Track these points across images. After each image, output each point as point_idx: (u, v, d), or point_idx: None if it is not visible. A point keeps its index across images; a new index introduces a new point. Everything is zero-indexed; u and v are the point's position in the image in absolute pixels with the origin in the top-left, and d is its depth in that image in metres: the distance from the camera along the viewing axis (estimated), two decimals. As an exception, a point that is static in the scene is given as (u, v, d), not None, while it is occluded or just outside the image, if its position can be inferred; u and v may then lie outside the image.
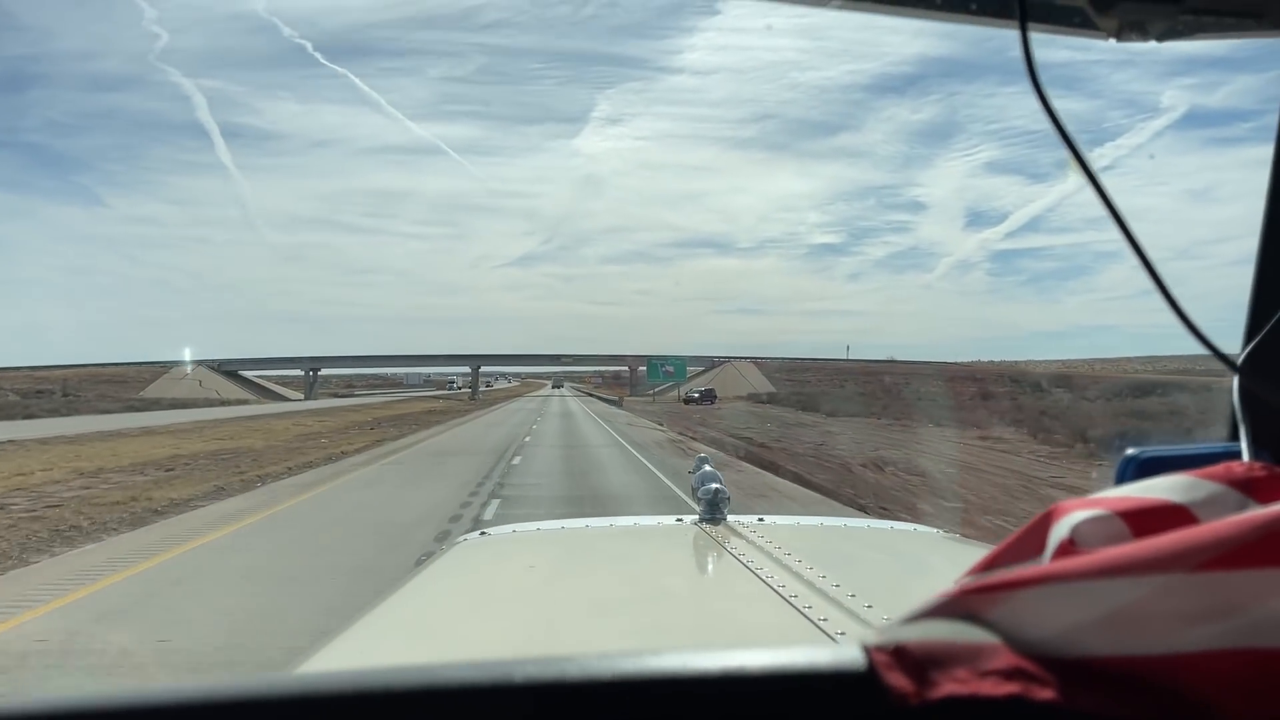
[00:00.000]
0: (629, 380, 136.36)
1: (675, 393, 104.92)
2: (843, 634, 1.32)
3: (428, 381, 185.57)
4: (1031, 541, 0.57)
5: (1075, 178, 0.61)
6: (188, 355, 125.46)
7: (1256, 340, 0.76)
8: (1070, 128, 0.60)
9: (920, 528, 2.70)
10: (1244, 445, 0.62)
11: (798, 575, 1.71)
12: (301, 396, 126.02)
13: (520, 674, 0.60)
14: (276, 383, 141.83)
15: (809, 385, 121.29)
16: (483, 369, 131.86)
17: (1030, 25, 0.63)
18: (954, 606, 0.52)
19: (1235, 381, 0.70)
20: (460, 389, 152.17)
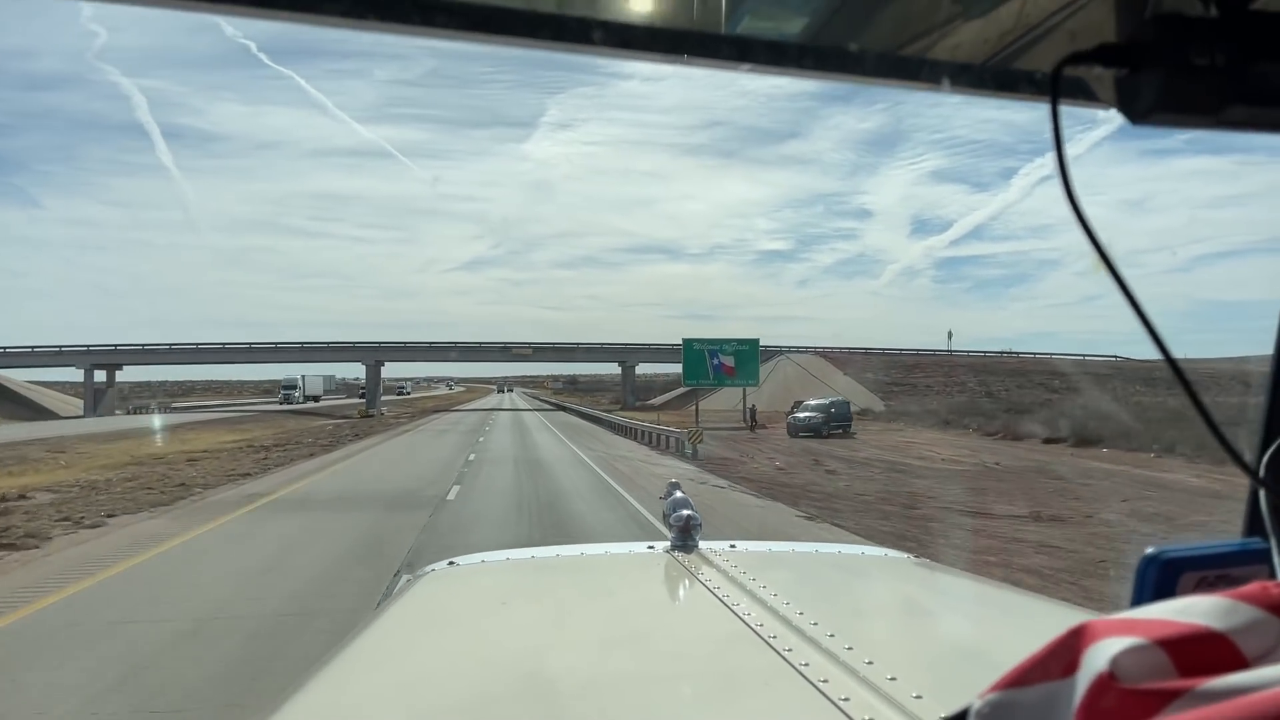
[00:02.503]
0: (625, 385, 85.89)
1: (740, 408, 55.42)
2: (825, 681, 1.30)
3: (331, 390, 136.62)
4: (1060, 661, 0.54)
5: (1097, 269, 0.61)
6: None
7: (1275, 446, 0.76)
8: (1088, 214, 0.60)
9: (891, 553, 2.65)
10: (1276, 558, 0.62)
11: (773, 611, 1.67)
12: (80, 412, 73.67)
13: None
14: (63, 389, 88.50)
15: (924, 386, 72.58)
16: (388, 366, 78.58)
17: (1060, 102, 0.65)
18: None
19: (1259, 489, 0.71)
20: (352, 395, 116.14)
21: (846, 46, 0.72)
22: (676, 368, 64.03)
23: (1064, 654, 0.54)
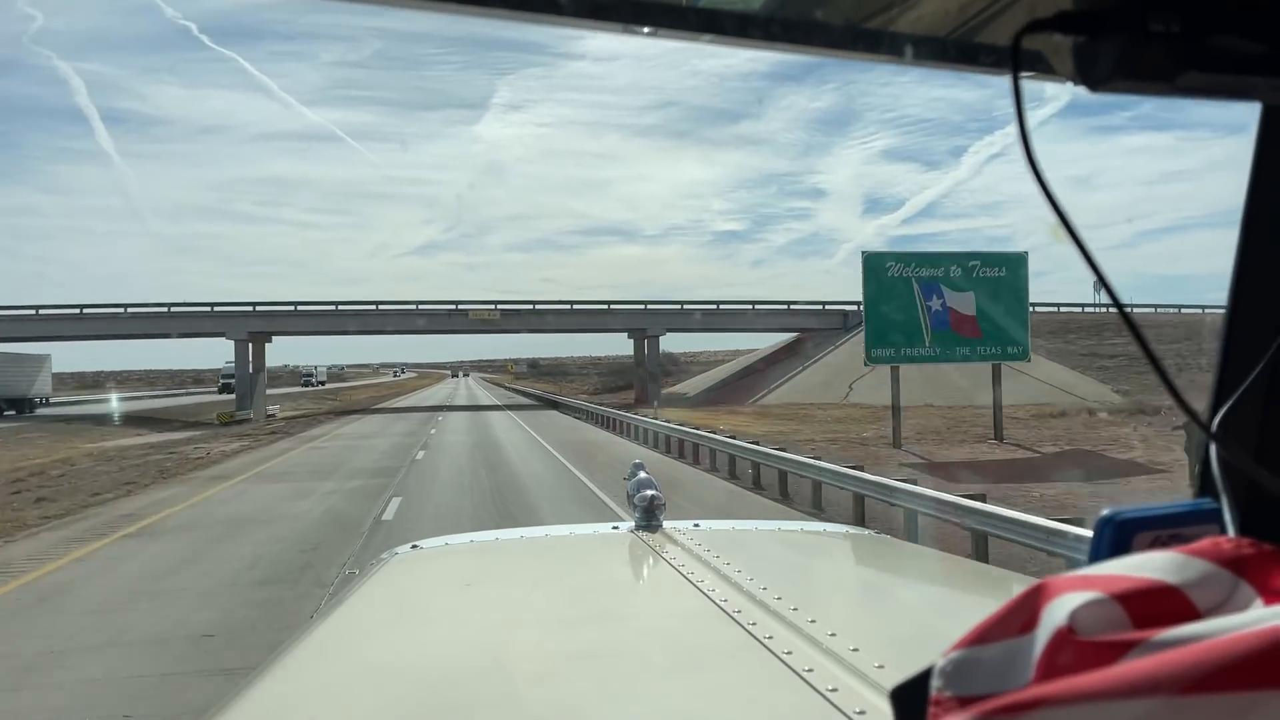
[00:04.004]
0: (644, 366, 54.20)
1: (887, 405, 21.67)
2: (789, 653, 1.32)
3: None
4: (1020, 618, 0.56)
5: (1060, 236, 0.63)
6: None
7: (1230, 403, 0.78)
8: (1050, 181, 0.62)
9: (852, 529, 2.80)
10: (1226, 516, 0.64)
11: (738, 587, 1.70)
12: None
13: None
14: None
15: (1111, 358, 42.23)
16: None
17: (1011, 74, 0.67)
18: None
19: (1210, 445, 0.73)
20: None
21: (812, 17, 0.73)
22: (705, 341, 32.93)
23: (1023, 611, 0.56)
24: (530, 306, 57.39)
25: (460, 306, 56.28)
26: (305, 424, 44.54)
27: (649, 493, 2.36)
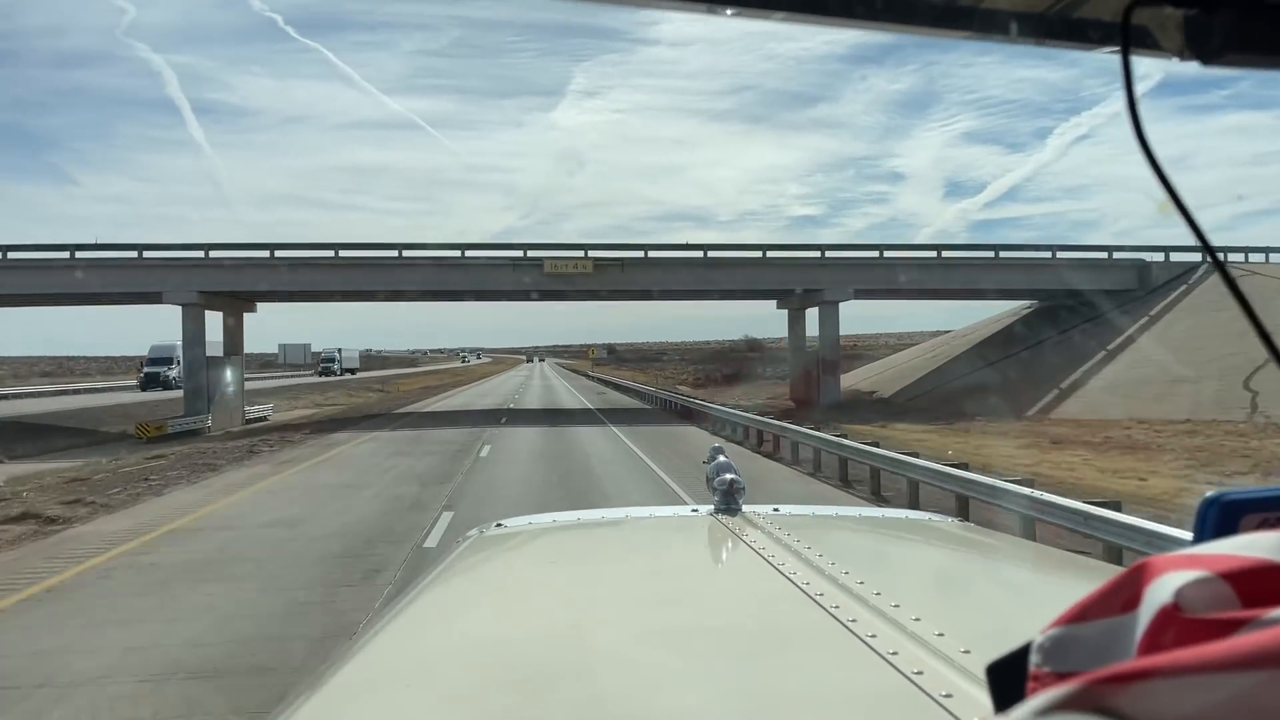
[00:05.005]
0: (819, 346, 30.23)
1: None
2: (873, 636, 1.32)
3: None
4: (1121, 597, 0.56)
5: (1165, 208, 0.63)
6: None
7: None
8: (1161, 158, 0.62)
9: (935, 517, 2.69)
10: None
11: (819, 570, 1.70)
12: None
13: None
14: None
15: None
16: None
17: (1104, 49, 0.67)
18: (1083, 699, 0.51)
19: None
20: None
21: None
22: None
23: (1125, 590, 0.56)
24: (640, 255, 36.20)
25: (531, 254, 35.43)
26: (288, 439, 24.78)
27: (728, 476, 2.35)
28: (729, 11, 0.63)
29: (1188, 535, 0.62)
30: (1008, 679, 0.60)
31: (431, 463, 18.78)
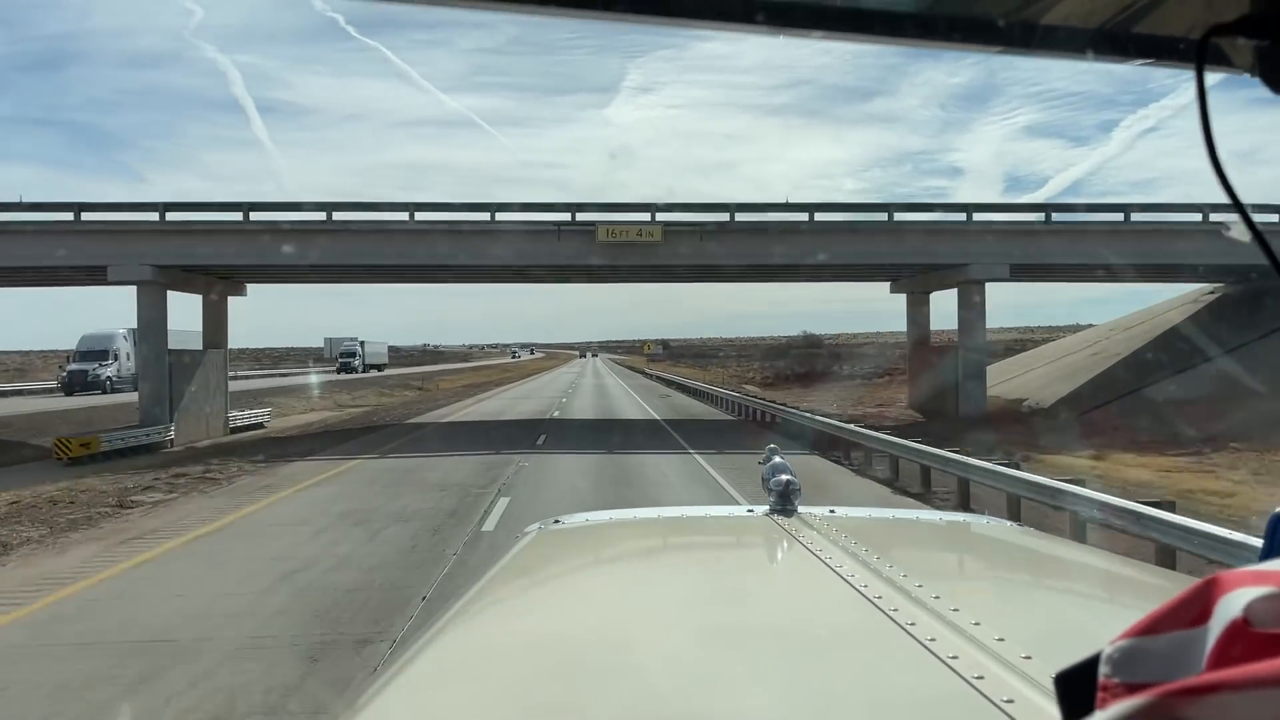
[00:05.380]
0: (942, 357, 21.36)
1: None
2: (932, 640, 1.30)
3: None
4: (1192, 611, 0.57)
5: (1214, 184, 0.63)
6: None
7: None
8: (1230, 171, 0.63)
9: (993, 521, 2.71)
10: None
11: (877, 572, 1.67)
12: None
13: None
14: None
15: None
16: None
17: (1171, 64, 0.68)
18: (1157, 711, 0.51)
19: None
20: None
21: (971, 13, 0.70)
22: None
23: (1196, 603, 0.57)
24: (723, 218, 27.32)
25: (581, 218, 26.85)
26: (212, 475, 17.02)
27: (784, 477, 2.34)
28: (793, 29, 0.62)
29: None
30: (1076, 688, 0.60)
31: (383, 555, 10.26)
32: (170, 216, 26.46)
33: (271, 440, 26.74)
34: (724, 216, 27.36)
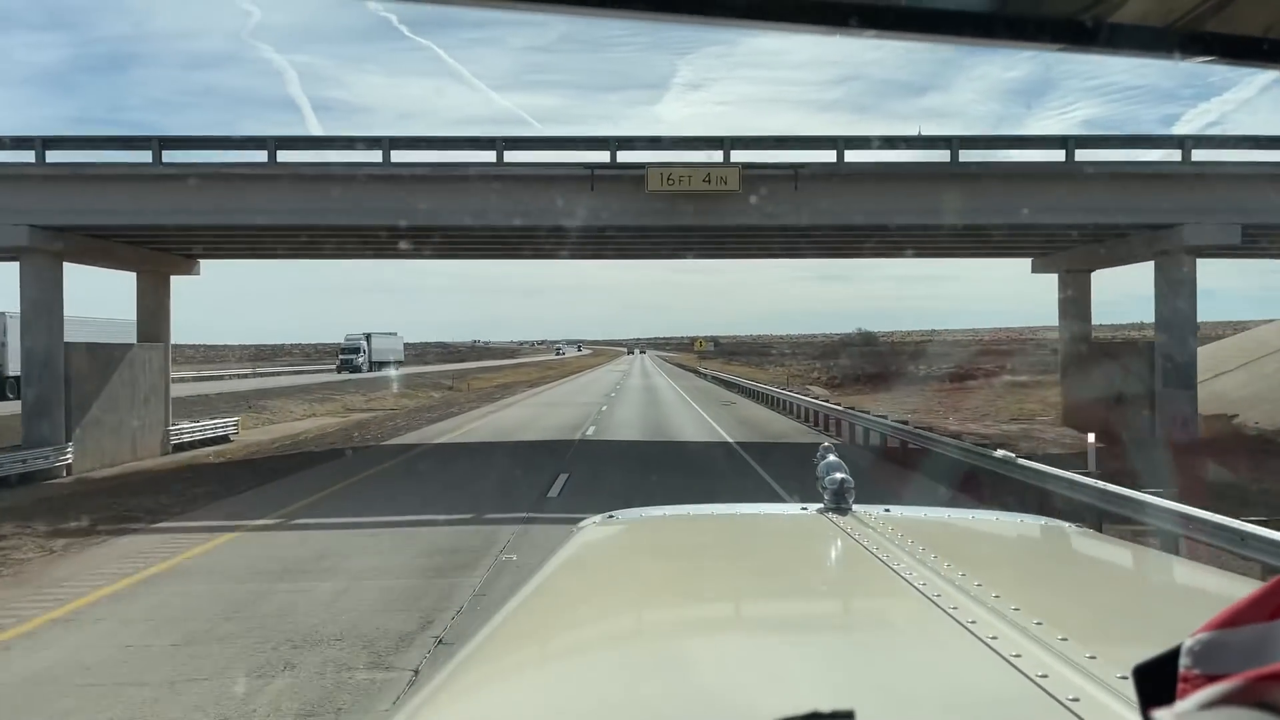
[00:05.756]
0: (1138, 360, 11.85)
1: None
2: (994, 638, 1.29)
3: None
4: (1269, 604, 0.60)
5: None
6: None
7: None
8: None
9: (1053, 522, 2.61)
10: None
11: (934, 570, 1.66)
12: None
13: None
14: None
15: None
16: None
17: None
18: (1246, 694, 0.54)
19: None
20: None
21: (1041, 12, 0.68)
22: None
23: (1273, 598, 0.60)
24: (829, 158, 19.11)
25: (624, 157, 18.81)
26: (106, 523, 9.33)
27: (839, 475, 2.33)
28: (858, 29, 0.60)
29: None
30: (1155, 680, 0.62)
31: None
32: (55, 158, 19.07)
33: (198, 470, 19.33)
34: (829, 154, 19.10)
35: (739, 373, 67.10)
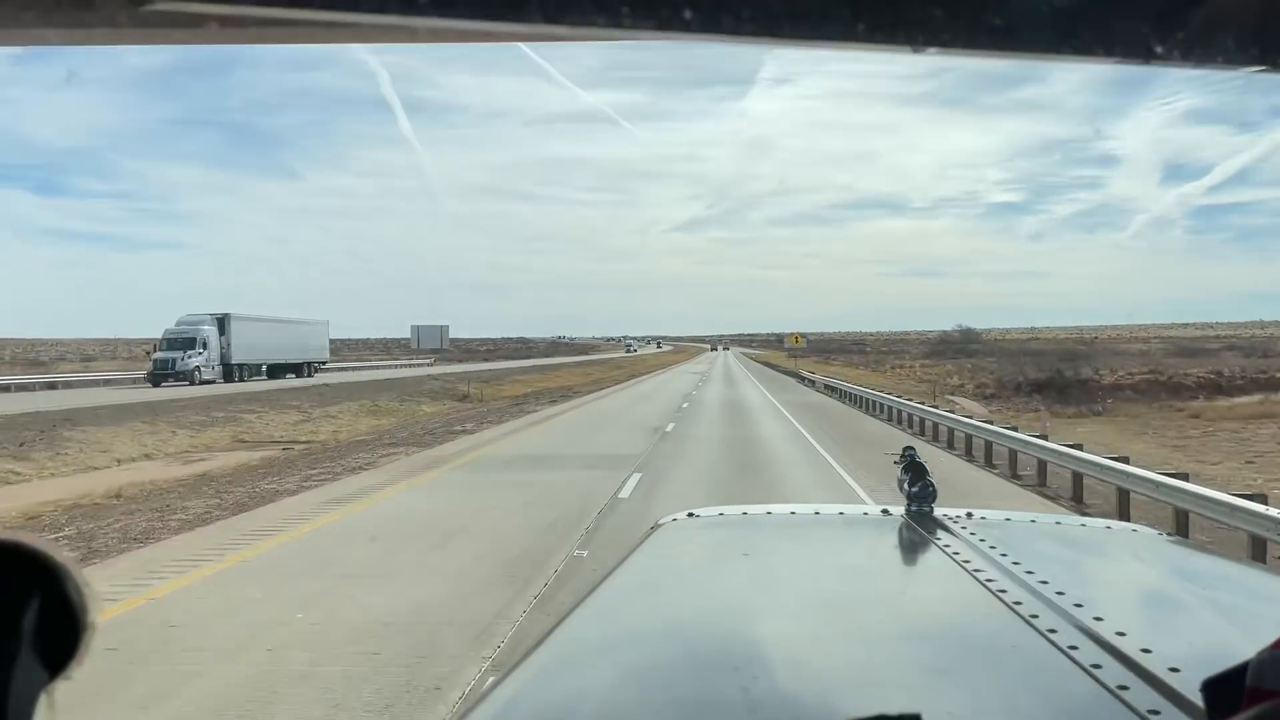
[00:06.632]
0: None
1: None
2: (1074, 648, 1.28)
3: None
4: None
5: None
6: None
7: None
8: None
9: (1139, 528, 2.62)
10: None
11: (1015, 578, 1.63)
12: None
13: None
14: None
15: None
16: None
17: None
18: None
19: None
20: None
21: (1138, 24, 0.60)
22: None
23: None
24: None
25: None
26: None
27: (920, 477, 2.27)
28: (942, 48, 0.56)
29: None
30: (1224, 694, 0.61)
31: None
32: None
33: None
34: None
35: (847, 376, 52.69)
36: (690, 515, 2.41)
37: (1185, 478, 10.73)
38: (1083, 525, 2.52)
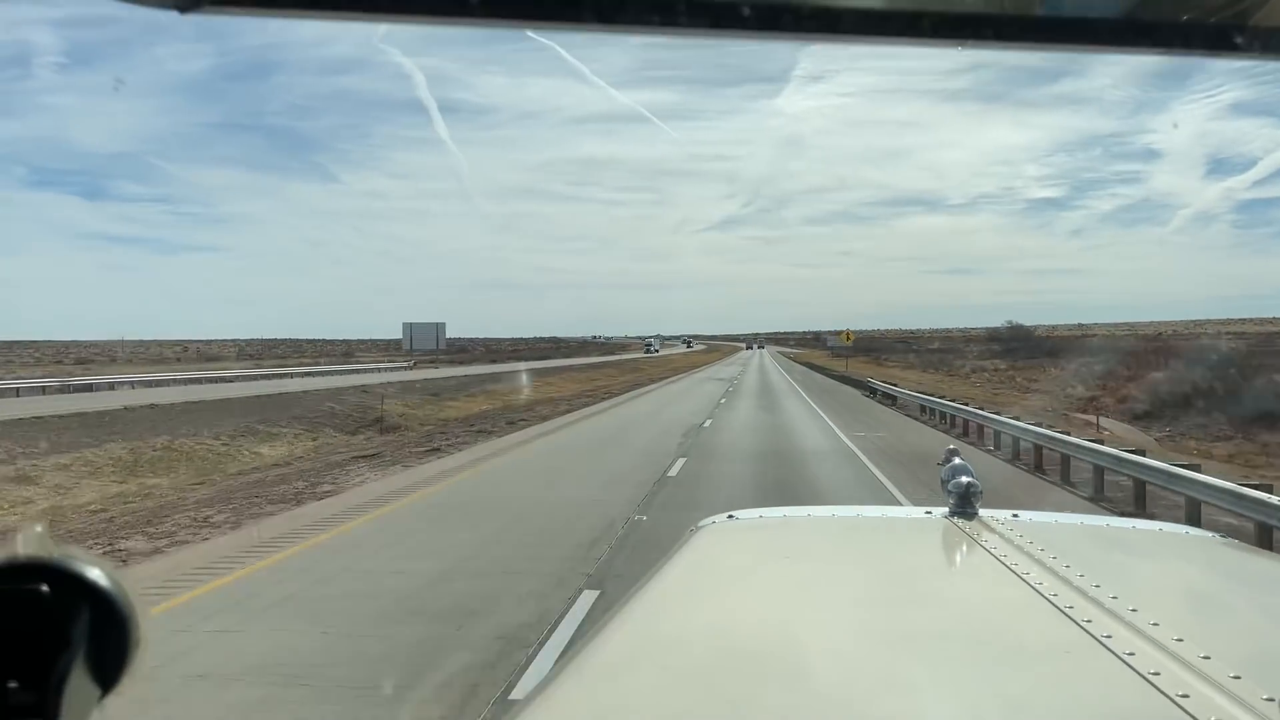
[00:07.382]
0: None
1: None
2: (1131, 654, 1.24)
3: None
4: None
5: None
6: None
7: None
8: None
9: (1194, 531, 2.55)
10: None
11: (1066, 581, 1.59)
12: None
13: None
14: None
15: None
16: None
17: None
18: None
19: None
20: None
21: (1177, 19, 0.61)
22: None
23: None
24: None
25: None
26: None
27: (964, 479, 2.23)
28: (993, 41, 0.55)
29: None
30: None
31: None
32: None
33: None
34: None
35: (914, 381, 42.53)
36: (730, 517, 2.39)
37: None
38: (1134, 528, 2.44)
